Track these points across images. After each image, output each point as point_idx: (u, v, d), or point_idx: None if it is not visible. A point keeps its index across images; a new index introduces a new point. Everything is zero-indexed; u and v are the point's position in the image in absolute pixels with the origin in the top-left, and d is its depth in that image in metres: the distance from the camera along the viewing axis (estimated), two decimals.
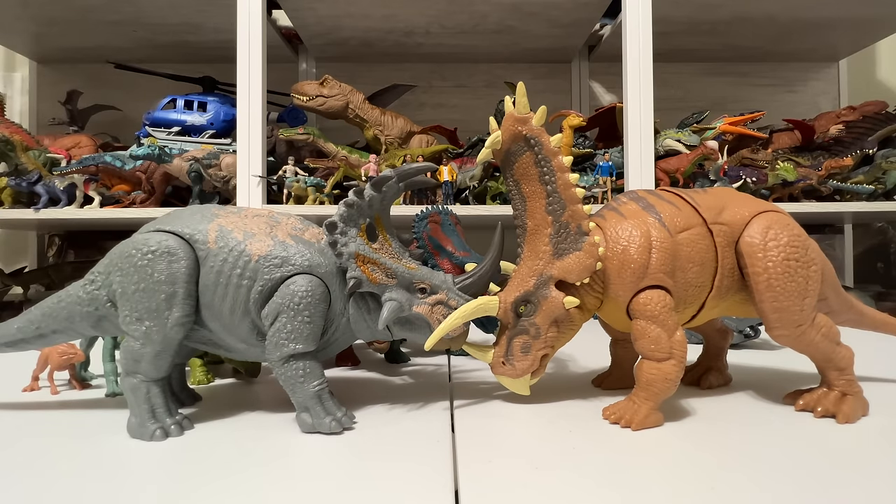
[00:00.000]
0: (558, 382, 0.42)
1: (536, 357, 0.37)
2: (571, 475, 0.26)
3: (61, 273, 1.38)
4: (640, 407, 0.33)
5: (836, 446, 0.29)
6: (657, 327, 0.34)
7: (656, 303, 0.35)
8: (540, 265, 0.37)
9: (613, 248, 0.36)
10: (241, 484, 0.26)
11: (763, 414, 0.36)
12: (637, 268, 0.35)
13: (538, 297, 0.36)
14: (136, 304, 0.34)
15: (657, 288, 0.36)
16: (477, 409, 0.37)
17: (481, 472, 0.26)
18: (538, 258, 0.37)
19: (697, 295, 0.36)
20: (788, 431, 0.32)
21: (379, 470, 0.27)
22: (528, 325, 0.37)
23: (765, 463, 0.27)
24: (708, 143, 1.11)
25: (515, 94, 0.38)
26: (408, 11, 1.17)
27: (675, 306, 0.36)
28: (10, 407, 0.40)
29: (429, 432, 0.33)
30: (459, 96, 1.51)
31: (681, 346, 0.34)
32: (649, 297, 0.35)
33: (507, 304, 0.37)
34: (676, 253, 0.36)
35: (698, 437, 0.32)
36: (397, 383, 0.45)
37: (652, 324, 0.35)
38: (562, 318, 0.37)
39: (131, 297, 0.35)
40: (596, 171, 1.15)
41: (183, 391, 0.42)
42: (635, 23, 1.03)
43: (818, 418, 0.34)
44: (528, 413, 0.37)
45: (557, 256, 0.37)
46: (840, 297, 0.41)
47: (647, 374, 0.34)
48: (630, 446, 0.30)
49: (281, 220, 0.39)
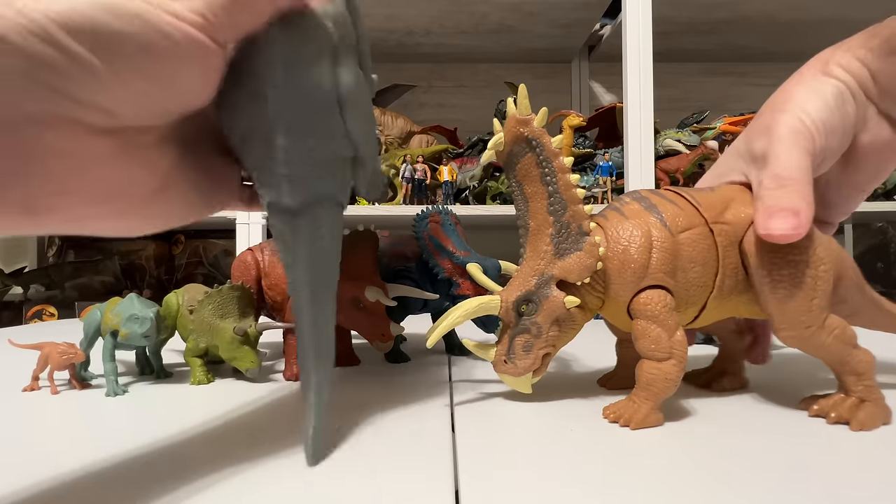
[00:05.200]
0: (560, 382, 0.42)
1: (538, 356, 0.37)
2: (572, 475, 0.26)
3: (61, 273, 1.38)
4: (640, 406, 0.33)
5: (847, 453, 0.29)
6: (657, 327, 0.34)
7: (656, 303, 0.35)
8: (541, 265, 0.37)
9: (614, 248, 0.36)
10: (241, 483, 0.26)
11: (773, 418, 0.36)
12: (637, 268, 0.35)
13: (539, 297, 0.37)
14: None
15: (658, 288, 0.35)
16: (477, 409, 0.37)
17: (482, 472, 0.26)
18: (540, 258, 0.37)
19: (699, 295, 0.36)
20: (800, 438, 0.32)
21: (378, 470, 0.27)
22: (529, 325, 0.37)
23: (771, 470, 0.27)
24: (708, 143, 1.11)
25: (516, 95, 0.38)
26: (408, 11, 1.17)
27: (677, 306, 0.36)
28: (10, 407, 0.40)
29: (429, 432, 0.33)
30: (459, 96, 1.51)
31: (681, 346, 0.34)
32: (650, 297, 0.35)
33: (508, 303, 0.37)
34: (678, 253, 0.36)
35: (701, 439, 0.32)
36: (397, 383, 0.45)
37: (652, 324, 0.35)
38: (563, 317, 0.37)
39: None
40: (596, 171, 1.15)
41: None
42: (635, 23, 1.03)
43: (831, 424, 0.33)
44: (528, 412, 0.37)
45: (559, 256, 0.37)
46: (866, 299, 0.40)
47: (647, 373, 0.34)
48: (632, 447, 0.30)
49: None
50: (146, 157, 0.21)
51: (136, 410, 0.39)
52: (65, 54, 0.17)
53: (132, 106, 0.19)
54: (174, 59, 0.20)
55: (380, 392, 0.43)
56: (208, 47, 0.21)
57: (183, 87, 0.21)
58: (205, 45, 0.21)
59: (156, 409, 0.39)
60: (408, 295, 0.47)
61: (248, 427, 0.36)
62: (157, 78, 0.20)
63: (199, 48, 0.20)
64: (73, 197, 0.19)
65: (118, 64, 0.18)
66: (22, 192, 0.18)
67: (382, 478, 0.26)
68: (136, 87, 0.19)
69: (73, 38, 0.17)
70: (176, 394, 0.43)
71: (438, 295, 0.49)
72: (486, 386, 0.44)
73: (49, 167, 0.18)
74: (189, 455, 0.30)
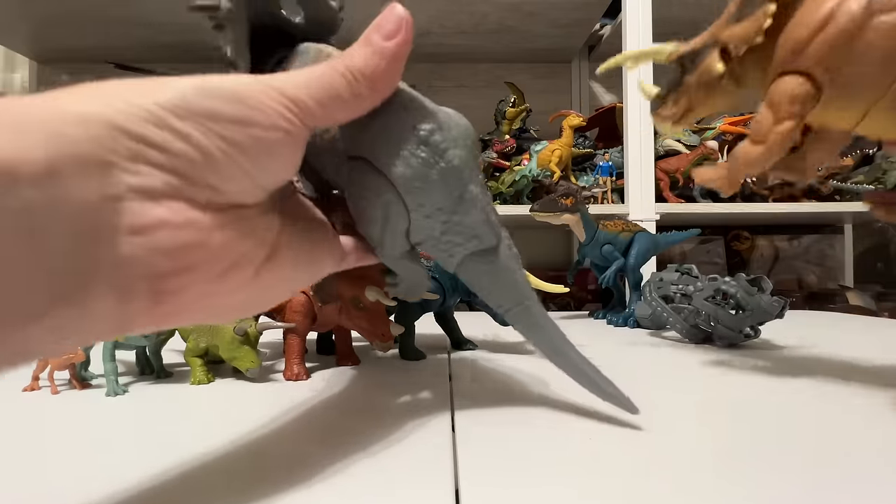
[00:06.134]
0: (561, 382, 0.42)
1: (680, 110, 0.39)
2: (573, 475, 0.26)
3: None
4: (718, 169, 0.35)
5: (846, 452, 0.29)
6: (769, 111, 0.33)
7: (783, 91, 0.32)
8: (716, 28, 0.37)
9: (789, 20, 0.33)
10: (240, 483, 0.26)
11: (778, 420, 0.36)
12: (793, 46, 0.32)
13: (700, 57, 0.37)
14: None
15: (800, 74, 0.32)
16: (477, 409, 0.38)
17: (482, 472, 0.26)
18: (721, 20, 0.37)
19: (864, 98, 0.31)
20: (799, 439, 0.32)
21: (378, 469, 0.27)
22: (685, 80, 0.38)
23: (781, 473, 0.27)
24: (708, 143, 1.11)
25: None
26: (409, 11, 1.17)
27: (827, 102, 0.32)
28: (10, 407, 0.40)
29: (429, 432, 0.33)
30: (459, 96, 1.51)
31: (779, 137, 0.32)
32: (783, 81, 0.32)
33: (675, 54, 0.38)
34: (859, 39, 0.30)
35: (705, 442, 0.32)
36: (397, 382, 0.45)
37: (767, 108, 0.33)
38: (711, 83, 0.37)
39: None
40: (596, 171, 1.15)
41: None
42: (635, 23, 1.03)
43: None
44: (529, 412, 0.37)
45: (734, 21, 0.36)
46: None
47: (739, 147, 0.35)
48: (634, 447, 0.30)
49: None
50: (251, 228, 0.23)
51: (136, 410, 0.39)
52: (177, 137, 0.19)
53: (236, 183, 0.21)
54: (272, 140, 0.21)
55: (380, 391, 0.43)
56: (301, 131, 0.22)
57: (277, 165, 0.23)
58: (299, 129, 0.22)
59: (156, 409, 0.39)
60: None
61: (248, 427, 0.36)
62: (257, 157, 0.21)
63: (293, 130, 0.22)
64: (194, 273, 0.20)
65: (223, 144, 0.20)
66: (144, 275, 0.19)
67: (382, 477, 0.26)
68: (239, 165, 0.21)
69: (183, 122, 0.19)
70: (176, 394, 0.43)
71: (438, 295, 0.49)
72: (486, 385, 0.44)
73: (165, 244, 0.19)
74: (189, 455, 0.30)
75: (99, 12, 1.18)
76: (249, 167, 0.21)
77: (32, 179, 0.15)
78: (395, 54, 0.24)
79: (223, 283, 0.22)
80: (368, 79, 0.24)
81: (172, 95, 0.19)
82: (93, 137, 0.17)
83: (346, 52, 0.24)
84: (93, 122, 0.17)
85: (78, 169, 0.16)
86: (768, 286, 0.55)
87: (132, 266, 0.18)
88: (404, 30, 0.24)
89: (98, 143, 0.17)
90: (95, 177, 0.17)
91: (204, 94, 0.20)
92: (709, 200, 1.17)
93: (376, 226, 0.29)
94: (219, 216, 0.21)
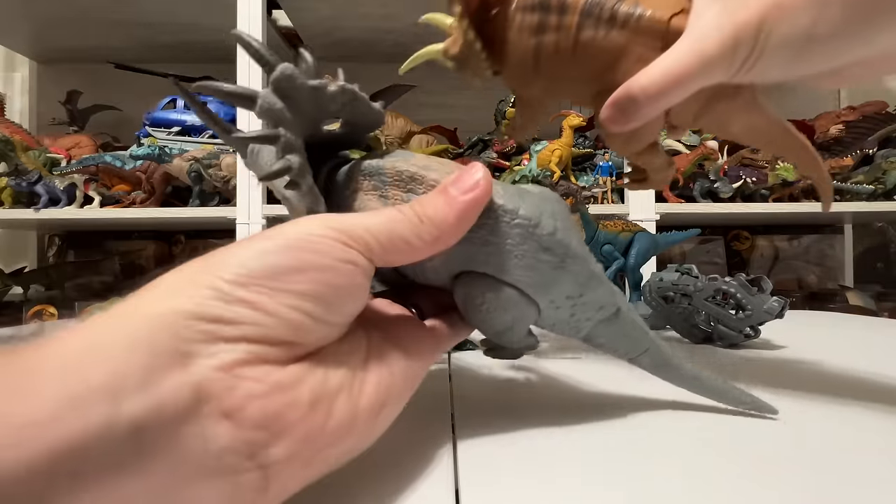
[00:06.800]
0: (562, 382, 0.42)
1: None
2: (575, 475, 0.26)
3: (61, 273, 1.38)
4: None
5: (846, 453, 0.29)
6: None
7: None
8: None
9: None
10: None
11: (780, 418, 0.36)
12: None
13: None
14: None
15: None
16: (478, 409, 0.38)
17: (482, 472, 0.26)
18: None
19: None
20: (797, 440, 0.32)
21: (378, 469, 0.27)
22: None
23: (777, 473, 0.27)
24: (708, 143, 1.11)
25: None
26: (408, 11, 1.17)
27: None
28: None
29: (429, 432, 0.33)
30: (459, 96, 1.51)
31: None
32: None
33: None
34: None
35: (709, 444, 0.31)
36: None
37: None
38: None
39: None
40: (596, 171, 1.15)
41: None
42: None
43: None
44: (530, 412, 0.37)
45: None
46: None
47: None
48: (635, 448, 0.30)
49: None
50: (336, 361, 0.22)
51: None
52: (245, 306, 0.19)
53: (310, 332, 0.21)
54: (334, 280, 0.21)
55: None
56: (364, 264, 0.22)
57: (346, 302, 0.22)
58: (362, 264, 0.22)
59: None
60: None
61: None
62: (323, 300, 0.21)
63: (355, 267, 0.22)
64: (293, 432, 0.20)
65: (289, 299, 0.19)
66: (247, 454, 0.18)
67: (382, 477, 0.26)
68: (308, 313, 0.20)
69: (247, 290, 0.19)
70: None
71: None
72: (486, 385, 0.44)
73: (257, 417, 0.18)
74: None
75: (99, 12, 1.18)
76: (320, 313, 0.21)
77: (134, 391, 0.15)
78: (465, 207, 0.24)
79: (332, 434, 0.21)
80: (437, 226, 0.24)
81: (235, 265, 0.19)
82: (168, 333, 0.17)
83: (418, 199, 0.25)
84: (167, 317, 0.17)
85: (165, 361, 0.16)
86: (768, 286, 0.55)
87: (234, 452, 0.17)
88: (481, 189, 0.24)
89: (173, 334, 0.17)
90: (177, 368, 0.17)
91: (262, 254, 0.20)
92: (709, 200, 1.17)
93: (504, 330, 0.29)
94: (303, 366, 0.20)
